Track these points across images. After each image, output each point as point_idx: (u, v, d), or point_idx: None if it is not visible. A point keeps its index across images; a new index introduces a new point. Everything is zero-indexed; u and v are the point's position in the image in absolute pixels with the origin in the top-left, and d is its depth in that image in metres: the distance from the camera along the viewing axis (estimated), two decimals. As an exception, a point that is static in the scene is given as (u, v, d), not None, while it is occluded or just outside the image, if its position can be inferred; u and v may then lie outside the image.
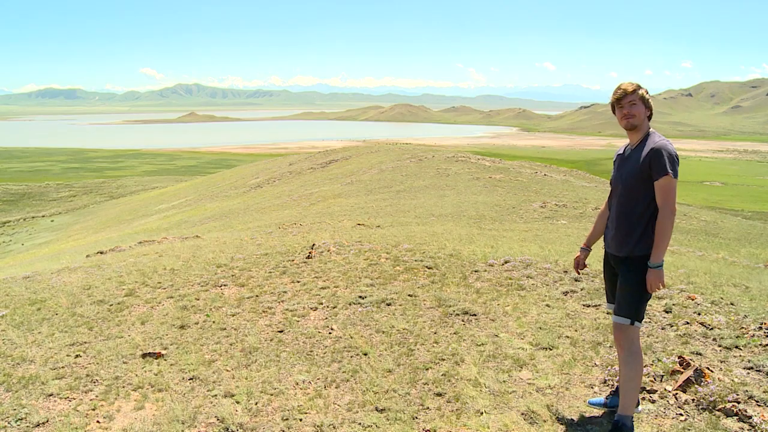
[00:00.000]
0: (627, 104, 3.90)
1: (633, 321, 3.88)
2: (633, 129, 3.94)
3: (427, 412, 4.28)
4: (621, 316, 3.91)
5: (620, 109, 3.94)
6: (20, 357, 5.63)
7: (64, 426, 4.27)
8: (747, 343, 5.06)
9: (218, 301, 7.16)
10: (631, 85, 3.91)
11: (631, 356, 3.88)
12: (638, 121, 3.90)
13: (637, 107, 3.89)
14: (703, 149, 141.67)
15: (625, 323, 3.89)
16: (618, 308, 3.96)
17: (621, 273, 3.99)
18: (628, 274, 3.92)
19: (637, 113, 3.89)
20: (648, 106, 3.93)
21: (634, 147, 3.97)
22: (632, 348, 3.90)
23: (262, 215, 22.73)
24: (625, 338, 3.91)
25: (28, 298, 7.82)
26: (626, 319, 3.89)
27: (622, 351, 3.94)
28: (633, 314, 3.88)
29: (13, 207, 56.59)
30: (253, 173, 51.74)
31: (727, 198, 59.46)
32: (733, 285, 7.21)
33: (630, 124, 3.92)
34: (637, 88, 3.90)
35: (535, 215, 17.61)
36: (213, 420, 4.28)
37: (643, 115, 3.92)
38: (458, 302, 6.59)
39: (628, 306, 3.89)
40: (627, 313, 3.89)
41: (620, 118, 3.96)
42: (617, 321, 3.94)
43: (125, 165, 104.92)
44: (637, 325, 3.89)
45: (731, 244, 14.92)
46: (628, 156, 4.01)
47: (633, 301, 3.88)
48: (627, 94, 3.90)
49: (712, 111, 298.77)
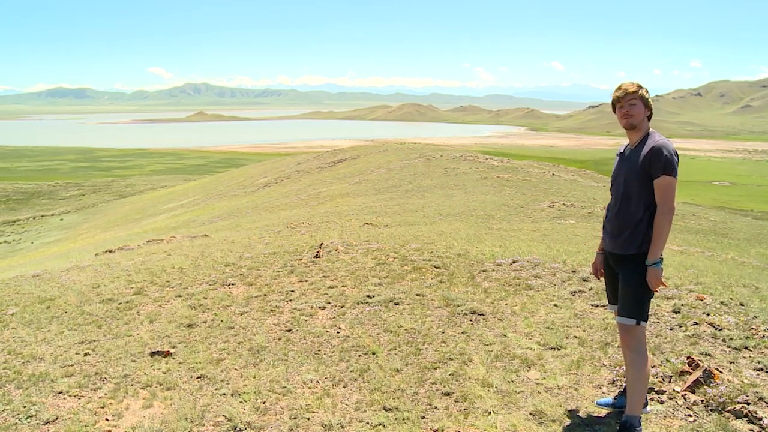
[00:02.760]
0: (627, 104, 3.91)
1: (638, 321, 3.86)
2: (633, 129, 3.95)
3: (435, 412, 4.28)
4: (625, 316, 3.90)
5: (620, 109, 3.95)
6: (30, 354, 5.68)
7: (73, 423, 4.30)
8: (757, 344, 5.03)
9: (226, 300, 7.18)
10: (632, 85, 3.92)
11: (639, 357, 3.87)
12: (637, 120, 3.91)
13: (636, 107, 3.90)
14: (712, 149, 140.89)
15: (630, 324, 3.88)
16: (622, 309, 3.94)
17: (622, 273, 3.98)
18: (629, 273, 3.91)
19: (637, 113, 3.90)
20: (648, 106, 3.94)
21: (634, 147, 3.97)
22: (639, 348, 3.89)
23: (270, 214, 22.77)
24: (631, 339, 3.90)
25: (37, 296, 7.87)
26: (631, 320, 3.87)
27: (629, 352, 3.92)
28: (637, 314, 3.86)
29: (23, 206, 56.93)
30: (261, 172, 51.85)
31: (736, 198, 59.10)
32: (742, 285, 7.17)
33: (629, 123, 3.92)
34: (638, 88, 3.90)
35: (543, 215, 17.56)
36: (221, 418, 4.30)
37: (643, 115, 3.92)
38: (466, 302, 6.58)
39: (632, 306, 3.88)
40: (631, 313, 3.88)
41: (620, 117, 3.97)
42: (622, 322, 3.92)
43: (134, 164, 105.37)
44: (642, 325, 3.88)
45: (741, 245, 14.85)
46: (628, 156, 4.01)
47: (636, 301, 3.87)
48: (627, 94, 3.90)
49: (721, 111, 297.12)
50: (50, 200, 60.15)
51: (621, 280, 3.99)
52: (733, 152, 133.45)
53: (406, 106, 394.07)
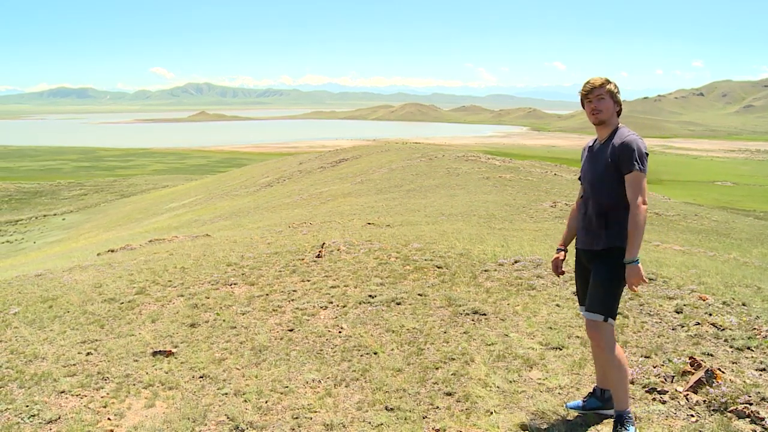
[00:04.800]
0: (595, 98, 3.87)
1: (606, 318, 3.79)
2: (601, 124, 3.91)
3: (437, 412, 4.27)
4: (593, 312, 3.83)
5: (588, 104, 3.91)
6: (33, 354, 5.69)
7: (75, 423, 4.30)
8: (759, 345, 5.02)
9: (228, 300, 7.18)
10: (599, 80, 3.87)
11: (613, 355, 3.79)
12: (606, 116, 3.87)
13: (605, 102, 3.85)
14: (714, 149, 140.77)
15: (598, 320, 3.81)
16: (590, 304, 3.86)
17: (594, 268, 3.93)
18: (600, 267, 3.86)
19: (605, 108, 3.86)
20: (616, 101, 3.89)
21: (603, 141, 3.94)
22: (610, 346, 3.80)
23: (272, 214, 22.78)
24: (600, 336, 3.82)
25: (40, 295, 7.88)
26: (599, 316, 3.80)
27: (601, 353, 3.85)
28: (605, 310, 3.80)
29: (25, 205, 57.00)
30: (263, 172, 51.88)
31: (738, 198, 59.00)
32: (745, 286, 7.16)
33: (598, 119, 3.88)
34: (605, 83, 3.86)
35: (546, 215, 17.54)
36: (223, 418, 4.30)
37: (612, 110, 3.88)
38: (468, 302, 6.58)
39: (600, 301, 3.82)
40: (599, 309, 3.81)
41: (588, 113, 3.93)
42: (590, 317, 3.85)
43: (136, 164, 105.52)
44: (610, 322, 3.81)
45: (743, 245, 14.82)
46: (597, 150, 3.97)
47: (605, 296, 3.81)
48: (594, 89, 3.86)
49: (723, 110, 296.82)
50: (52, 200, 60.22)
51: (592, 274, 3.93)
52: (736, 152, 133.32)
53: (407, 106, 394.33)
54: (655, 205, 21.94)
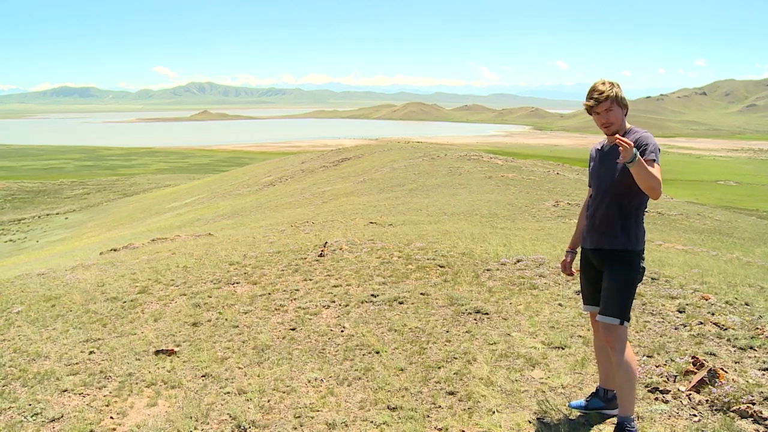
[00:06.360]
0: (604, 112, 3.78)
1: (622, 321, 3.76)
2: (614, 134, 3.79)
3: (439, 411, 4.27)
4: (609, 316, 3.79)
5: (597, 117, 3.82)
6: (35, 353, 5.70)
7: (78, 421, 4.31)
8: (762, 344, 5.01)
9: (231, 299, 7.19)
10: (604, 90, 3.75)
11: (624, 358, 3.76)
12: (618, 125, 3.79)
13: (614, 113, 3.78)
14: (717, 148, 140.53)
15: (614, 323, 3.77)
16: (605, 308, 3.82)
17: (608, 269, 3.87)
18: (616, 269, 3.81)
19: (615, 119, 3.79)
20: (623, 105, 3.81)
21: (615, 144, 3.88)
22: (623, 349, 3.77)
23: (275, 213, 22.80)
24: (615, 339, 3.78)
25: (42, 294, 7.90)
26: (615, 319, 3.76)
27: (614, 354, 3.80)
28: (621, 313, 3.76)
29: (28, 204, 57.09)
30: (265, 171, 51.92)
31: (741, 197, 58.88)
32: (747, 285, 7.15)
33: (611, 131, 3.81)
34: (610, 92, 3.74)
35: (548, 214, 17.53)
36: (225, 417, 4.31)
37: (621, 117, 3.81)
38: (470, 301, 6.58)
39: (617, 305, 3.77)
40: (615, 312, 3.77)
41: (599, 125, 3.85)
42: (605, 321, 3.80)
43: (138, 163, 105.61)
44: (625, 325, 3.78)
45: (746, 244, 14.79)
46: (609, 151, 3.91)
47: (621, 299, 3.77)
48: (601, 103, 3.75)
49: (726, 110, 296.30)
50: (55, 199, 60.31)
51: (606, 277, 3.87)
52: (739, 151, 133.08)
53: (410, 105, 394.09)
54: (657, 205, 21.91)
